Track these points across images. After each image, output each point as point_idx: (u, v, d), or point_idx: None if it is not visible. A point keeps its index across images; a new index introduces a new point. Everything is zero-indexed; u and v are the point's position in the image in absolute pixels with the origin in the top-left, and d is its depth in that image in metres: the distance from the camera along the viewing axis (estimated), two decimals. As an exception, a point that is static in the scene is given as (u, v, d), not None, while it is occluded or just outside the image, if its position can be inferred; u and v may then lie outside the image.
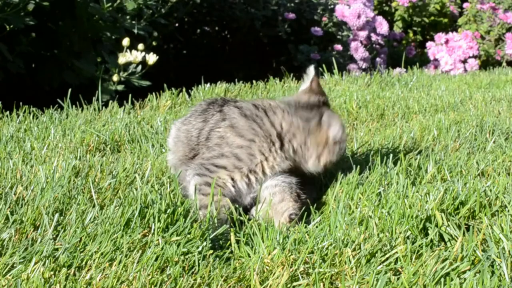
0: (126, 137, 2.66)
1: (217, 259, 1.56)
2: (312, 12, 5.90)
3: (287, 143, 1.92)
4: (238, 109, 1.96)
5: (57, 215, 1.68)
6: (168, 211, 1.68)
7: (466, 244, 1.58)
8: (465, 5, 7.27)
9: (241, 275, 1.48)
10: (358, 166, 2.04)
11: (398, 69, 5.94)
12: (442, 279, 1.45)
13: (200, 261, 1.53)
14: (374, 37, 6.29)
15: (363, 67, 5.90)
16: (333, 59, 5.36)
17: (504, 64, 6.70)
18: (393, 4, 7.37)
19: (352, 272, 1.50)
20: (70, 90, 3.35)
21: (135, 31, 4.11)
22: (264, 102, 2.01)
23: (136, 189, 1.89)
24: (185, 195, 1.91)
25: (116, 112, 3.27)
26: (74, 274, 1.44)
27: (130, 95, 3.51)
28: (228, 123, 1.92)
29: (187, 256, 1.54)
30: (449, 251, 1.57)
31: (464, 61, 6.43)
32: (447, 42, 6.54)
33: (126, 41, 3.69)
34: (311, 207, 1.88)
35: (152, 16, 4.38)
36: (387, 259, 1.54)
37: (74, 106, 3.31)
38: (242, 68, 5.63)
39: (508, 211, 1.79)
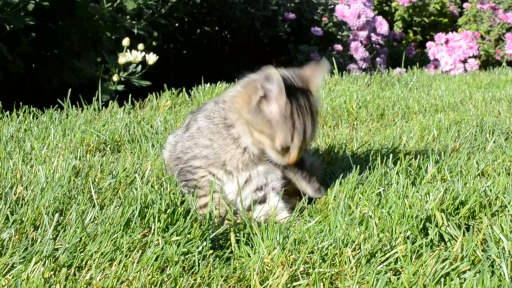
0: (126, 137, 2.66)
1: (217, 259, 1.56)
2: (312, 12, 5.90)
3: (234, 130, 1.87)
4: (204, 111, 1.97)
5: (57, 215, 1.68)
6: (168, 211, 1.68)
7: (466, 244, 1.58)
8: (465, 5, 7.27)
9: (241, 275, 1.49)
10: (358, 166, 2.04)
11: (398, 69, 5.94)
12: (442, 279, 1.45)
13: (200, 261, 1.53)
14: (374, 37, 6.29)
15: (363, 67, 5.90)
16: (333, 59, 5.36)
17: (504, 64, 6.70)
18: (393, 4, 7.37)
19: (352, 272, 1.50)
20: (70, 90, 3.35)
21: (135, 31, 4.11)
22: (225, 95, 1.96)
23: (136, 189, 1.89)
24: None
25: (116, 112, 3.27)
26: (74, 274, 1.44)
27: (130, 95, 3.51)
28: (196, 126, 1.94)
29: (187, 256, 1.54)
30: (449, 251, 1.57)
31: (464, 61, 6.43)
32: (447, 42, 6.54)
33: (126, 41, 3.69)
34: (305, 203, 1.88)
35: (152, 16, 4.38)
36: (387, 259, 1.53)
37: (74, 106, 3.31)
38: (242, 68, 5.63)
39: (508, 211, 1.79)
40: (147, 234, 1.62)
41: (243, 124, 1.82)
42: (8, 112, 3.09)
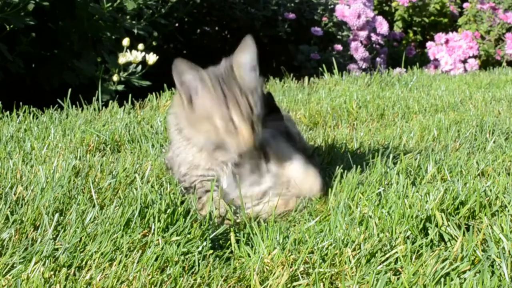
0: (126, 137, 2.66)
1: (217, 259, 1.56)
2: (312, 12, 5.90)
3: (185, 131, 1.90)
4: None
5: (57, 215, 1.68)
6: (168, 211, 1.68)
7: (466, 244, 1.58)
8: (465, 5, 7.27)
9: (241, 275, 1.49)
10: (358, 166, 2.04)
11: (398, 69, 5.94)
12: (442, 279, 1.45)
13: (200, 261, 1.53)
14: (374, 37, 6.29)
15: (363, 67, 5.90)
16: (333, 59, 5.36)
17: (504, 64, 6.70)
18: (393, 4, 7.37)
19: (352, 272, 1.50)
20: (70, 90, 3.35)
21: (135, 31, 4.11)
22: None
23: (136, 189, 1.89)
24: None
25: (116, 112, 3.27)
26: (74, 274, 1.44)
27: (130, 95, 3.51)
28: None
29: (187, 256, 1.54)
30: (449, 251, 1.57)
31: (464, 61, 6.43)
32: (447, 42, 6.54)
33: (126, 41, 3.69)
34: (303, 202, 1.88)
35: (152, 16, 4.38)
36: (387, 259, 1.53)
37: (74, 106, 3.31)
38: (242, 68, 5.62)
39: (508, 211, 1.79)
40: (147, 234, 1.62)
41: (190, 128, 1.84)
42: (8, 112, 3.09)
